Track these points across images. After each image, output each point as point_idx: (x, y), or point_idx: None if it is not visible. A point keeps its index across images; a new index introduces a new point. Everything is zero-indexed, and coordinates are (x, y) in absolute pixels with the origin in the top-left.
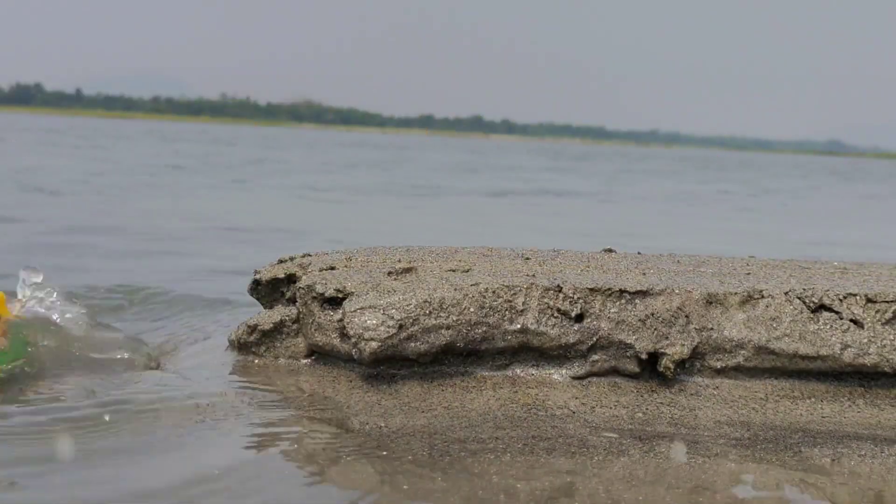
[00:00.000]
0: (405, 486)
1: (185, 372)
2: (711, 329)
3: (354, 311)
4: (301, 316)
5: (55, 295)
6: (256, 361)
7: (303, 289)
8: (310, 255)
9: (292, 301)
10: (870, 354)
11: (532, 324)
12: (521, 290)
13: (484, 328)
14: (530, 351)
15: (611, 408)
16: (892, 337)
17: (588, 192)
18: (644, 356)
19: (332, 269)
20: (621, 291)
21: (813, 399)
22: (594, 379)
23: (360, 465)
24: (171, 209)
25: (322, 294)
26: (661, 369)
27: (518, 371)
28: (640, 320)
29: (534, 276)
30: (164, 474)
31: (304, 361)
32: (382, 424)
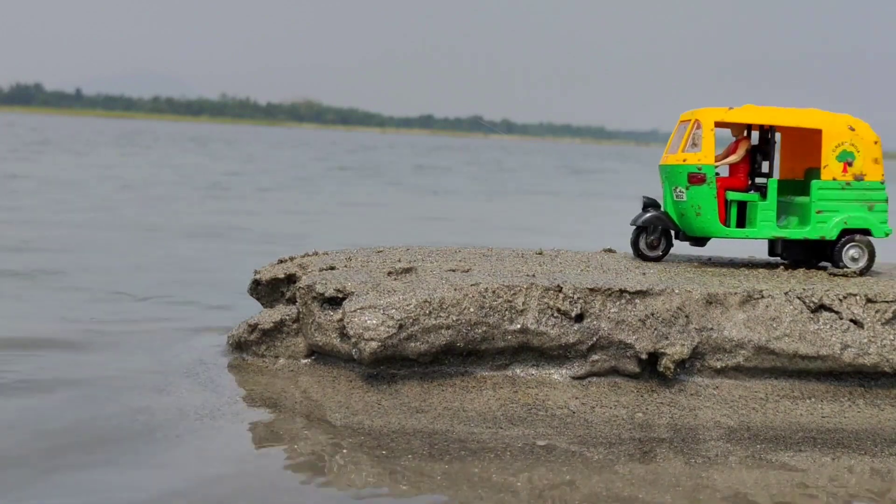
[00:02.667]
0: (405, 486)
1: (186, 371)
2: (711, 329)
3: (354, 310)
4: (301, 316)
5: None
6: (256, 361)
7: (303, 289)
8: (310, 255)
9: (292, 301)
10: (870, 354)
11: (532, 324)
12: (521, 290)
13: (484, 328)
14: (530, 351)
15: (611, 408)
16: (892, 337)
17: None
18: (644, 356)
19: (332, 269)
20: (621, 291)
21: (813, 399)
22: (594, 379)
23: (360, 464)
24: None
25: (322, 294)
26: (661, 369)
27: (518, 371)
28: (640, 320)
29: (534, 276)
30: (165, 475)
31: (304, 361)
32: (382, 424)
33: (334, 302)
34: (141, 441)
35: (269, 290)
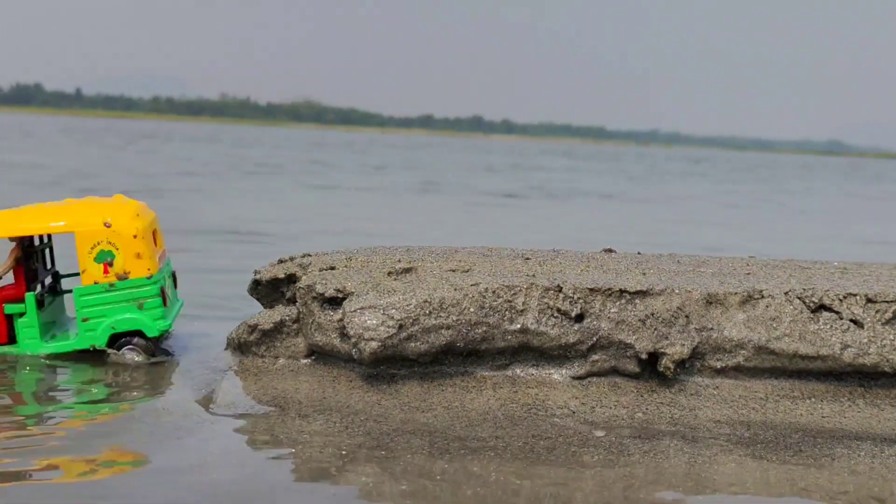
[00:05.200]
0: (404, 486)
1: (184, 371)
2: (711, 329)
3: (354, 310)
4: (301, 316)
5: None
6: (256, 361)
7: (303, 289)
8: (310, 255)
9: (292, 301)
10: (870, 354)
11: (532, 324)
12: (521, 290)
13: (484, 328)
14: (530, 351)
15: (611, 408)
16: (892, 337)
17: None
18: (644, 356)
19: (332, 269)
20: (621, 291)
21: (813, 399)
22: (594, 379)
23: (360, 464)
24: None
25: (322, 294)
26: (661, 369)
27: (518, 371)
28: (640, 320)
29: (534, 276)
30: (162, 476)
31: (304, 361)
32: (382, 424)
33: (334, 302)
34: (138, 442)
35: (269, 291)
